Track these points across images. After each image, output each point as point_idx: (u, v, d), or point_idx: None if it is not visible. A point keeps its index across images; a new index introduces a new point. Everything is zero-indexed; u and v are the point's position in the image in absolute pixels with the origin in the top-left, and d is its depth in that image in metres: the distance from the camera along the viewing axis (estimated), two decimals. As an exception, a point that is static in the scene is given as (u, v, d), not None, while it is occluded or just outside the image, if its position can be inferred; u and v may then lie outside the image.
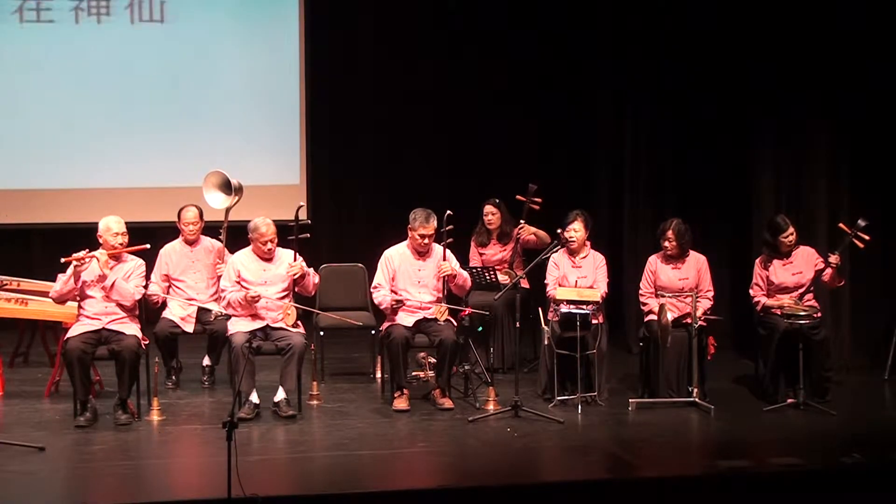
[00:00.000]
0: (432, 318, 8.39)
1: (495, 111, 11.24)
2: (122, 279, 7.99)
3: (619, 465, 7.30)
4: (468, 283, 8.65)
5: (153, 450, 7.58)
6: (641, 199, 10.52)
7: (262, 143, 11.08)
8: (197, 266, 9.00)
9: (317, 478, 7.04)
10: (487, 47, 11.22)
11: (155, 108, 10.97)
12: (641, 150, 10.54)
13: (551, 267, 8.68)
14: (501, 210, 9.56)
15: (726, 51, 10.03)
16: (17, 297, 8.85)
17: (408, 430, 7.85)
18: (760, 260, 8.69)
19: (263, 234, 8.27)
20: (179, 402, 8.56)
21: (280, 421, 7.99)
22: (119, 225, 8.06)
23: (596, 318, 8.39)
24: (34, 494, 6.62)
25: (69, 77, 10.86)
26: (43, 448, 7.24)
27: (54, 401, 8.50)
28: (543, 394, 8.52)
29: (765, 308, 8.57)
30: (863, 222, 8.35)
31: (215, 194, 9.12)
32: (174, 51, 10.97)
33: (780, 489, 6.85)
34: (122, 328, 7.96)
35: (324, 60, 11.20)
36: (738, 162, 10.15)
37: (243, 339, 8.05)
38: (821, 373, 8.41)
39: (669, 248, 8.57)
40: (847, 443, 7.45)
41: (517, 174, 10.02)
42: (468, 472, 7.10)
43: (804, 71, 9.64)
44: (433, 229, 8.39)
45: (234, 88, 11.07)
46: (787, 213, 9.11)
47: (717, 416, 8.11)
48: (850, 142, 9.69)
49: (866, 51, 9.47)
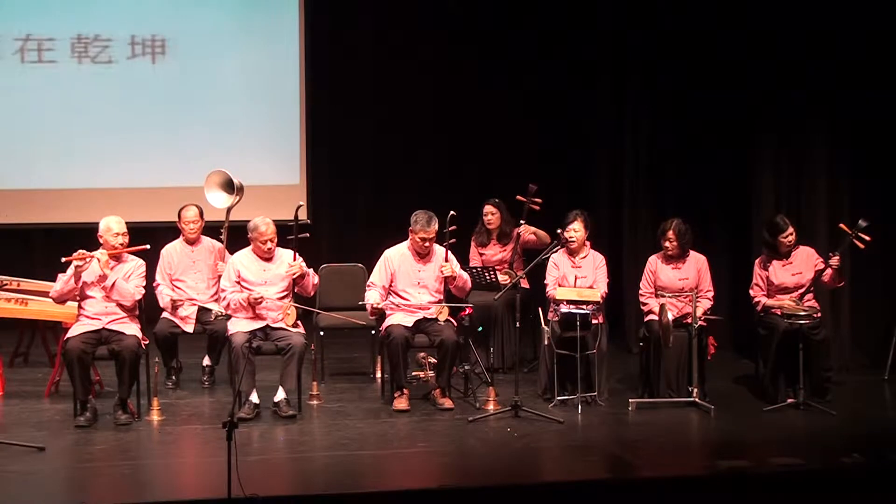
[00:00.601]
0: (432, 318, 8.39)
1: (495, 111, 11.24)
2: (123, 279, 7.99)
3: (619, 465, 7.31)
4: (468, 285, 8.64)
5: (153, 450, 7.58)
6: (641, 199, 10.52)
7: (262, 143, 11.08)
8: (198, 266, 9.00)
9: (317, 478, 7.04)
10: (487, 47, 11.22)
11: (155, 107, 10.97)
12: (641, 150, 10.54)
13: (551, 267, 8.67)
14: (501, 210, 9.56)
15: (726, 50, 10.03)
16: (17, 297, 8.85)
17: (408, 430, 7.84)
18: (760, 260, 8.69)
19: (263, 233, 8.27)
20: (179, 402, 8.56)
21: (280, 421, 7.99)
22: (120, 225, 8.06)
23: (596, 318, 8.39)
24: (34, 494, 6.62)
25: (69, 76, 10.85)
26: (43, 448, 7.24)
27: (54, 401, 8.50)
28: (543, 394, 8.52)
29: (765, 308, 8.57)
30: (863, 223, 8.34)
31: (217, 194, 9.13)
32: (175, 50, 10.96)
33: (780, 489, 6.84)
34: (122, 328, 7.96)
35: (324, 60, 11.20)
36: (738, 162, 10.15)
37: (243, 339, 8.05)
38: (821, 373, 8.41)
39: (670, 248, 8.57)
40: (847, 443, 7.45)
41: (517, 174, 10.02)
42: (468, 472, 7.11)
43: (804, 71, 9.65)
44: (434, 233, 8.38)
45: (234, 88, 11.07)
46: (787, 213, 9.12)
47: (717, 416, 8.11)
48: (850, 142, 9.69)
49: (866, 51, 9.47)
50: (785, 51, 9.69)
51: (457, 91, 11.18)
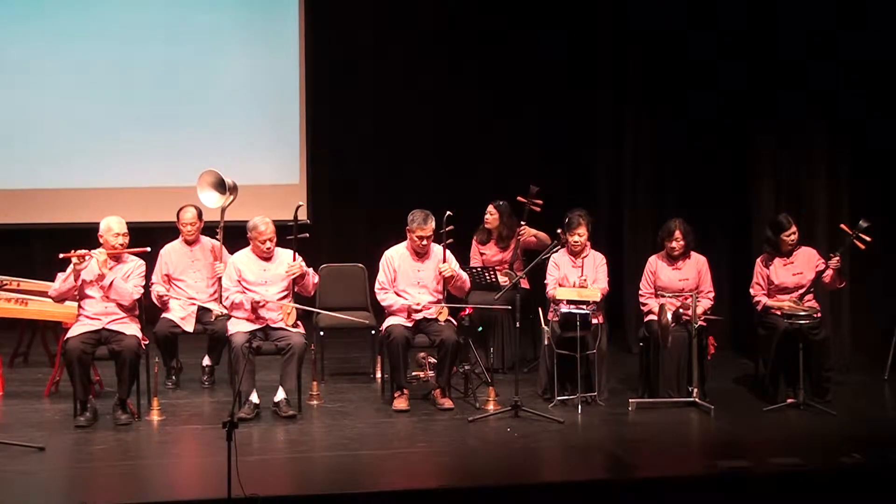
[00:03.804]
0: (432, 318, 8.39)
1: (495, 111, 11.25)
2: (122, 279, 7.99)
3: (619, 465, 7.31)
4: (467, 285, 8.65)
5: (153, 450, 7.58)
6: (641, 199, 10.52)
7: (262, 143, 11.08)
8: (197, 266, 9.00)
9: (317, 478, 7.05)
10: (487, 47, 11.22)
11: (155, 108, 10.97)
12: (641, 150, 10.54)
13: (551, 267, 8.68)
14: (502, 214, 9.53)
15: (726, 51, 10.03)
16: (17, 297, 8.85)
17: (408, 430, 7.85)
18: (762, 259, 8.69)
19: (262, 233, 8.27)
20: (179, 402, 8.56)
21: (280, 421, 7.99)
22: (120, 225, 8.06)
23: (596, 318, 8.39)
24: (34, 494, 6.63)
25: (69, 76, 10.86)
26: (43, 448, 7.24)
27: (54, 401, 8.50)
28: (543, 394, 8.52)
29: (765, 308, 8.57)
30: (864, 223, 8.34)
31: (210, 193, 9.11)
32: (175, 51, 10.97)
33: (780, 489, 6.85)
34: (122, 328, 7.96)
35: (324, 60, 11.20)
36: (738, 162, 10.15)
37: (243, 339, 8.05)
38: (821, 373, 8.41)
39: (677, 248, 8.55)
40: (847, 443, 7.45)
41: (517, 174, 10.03)
42: (468, 472, 7.11)
43: (804, 71, 9.64)
44: (431, 231, 8.39)
45: (234, 88, 11.07)
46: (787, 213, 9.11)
47: (717, 416, 8.11)
48: (850, 142, 9.69)
49: (866, 51, 9.47)
50: (785, 51, 9.69)
51: (457, 90, 11.17)
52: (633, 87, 10.54)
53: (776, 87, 9.77)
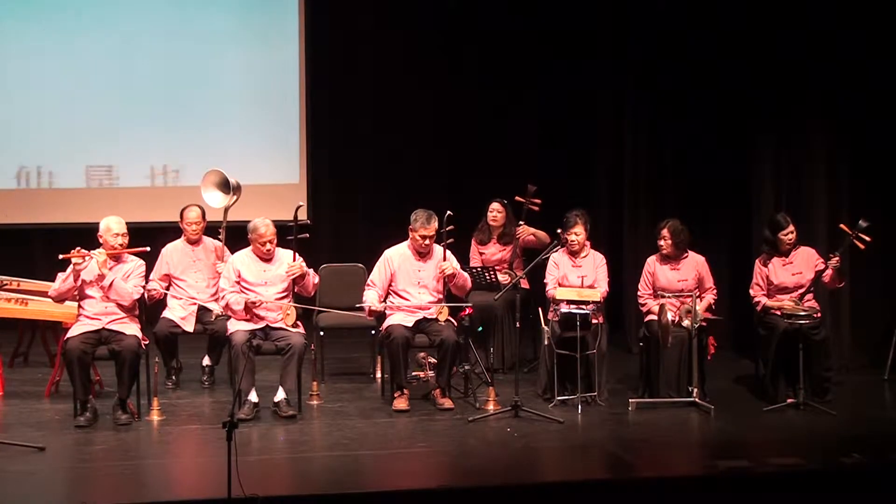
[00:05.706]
0: (432, 318, 8.39)
1: (495, 111, 11.24)
2: (122, 279, 7.99)
3: (619, 465, 7.31)
4: (468, 284, 8.65)
5: (153, 450, 7.58)
6: (641, 199, 10.52)
7: (262, 143, 11.08)
8: (198, 265, 9.00)
9: (317, 478, 7.04)
10: (487, 47, 11.22)
11: (155, 108, 10.96)
12: (641, 150, 10.54)
13: (551, 267, 8.68)
14: (507, 210, 9.57)
15: (726, 51, 10.03)
16: (17, 297, 8.85)
17: (408, 430, 7.85)
18: (761, 259, 8.69)
19: (262, 234, 8.27)
20: (179, 402, 8.56)
21: (280, 421, 7.99)
22: (120, 225, 8.06)
23: (596, 318, 8.39)
24: (34, 494, 6.62)
25: (69, 76, 10.85)
26: (43, 448, 7.24)
27: (54, 401, 8.50)
28: (543, 394, 8.52)
29: (765, 308, 8.57)
30: (864, 223, 8.34)
31: (214, 193, 9.13)
32: (175, 51, 10.96)
33: (780, 489, 6.85)
34: (122, 328, 7.96)
35: (324, 60, 11.20)
36: (738, 162, 10.15)
37: (243, 338, 8.05)
38: (821, 373, 8.42)
39: (664, 247, 8.57)
40: (847, 443, 7.45)
41: (517, 174, 10.02)
42: (468, 472, 7.10)
43: (804, 71, 9.64)
44: (434, 230, 8.39)
45: (234, 88, 11.07)
46: (787, 213, 9.11)
47: (717, 416, 8.10)
48: (850, 142, 9.69)
49: (867, 50, 9.47)
50: (785, 51, 9.69)
51: (457, 90, 11.17)
52: (633, 86, 10.53)
53: (776, 87, 9.77)
